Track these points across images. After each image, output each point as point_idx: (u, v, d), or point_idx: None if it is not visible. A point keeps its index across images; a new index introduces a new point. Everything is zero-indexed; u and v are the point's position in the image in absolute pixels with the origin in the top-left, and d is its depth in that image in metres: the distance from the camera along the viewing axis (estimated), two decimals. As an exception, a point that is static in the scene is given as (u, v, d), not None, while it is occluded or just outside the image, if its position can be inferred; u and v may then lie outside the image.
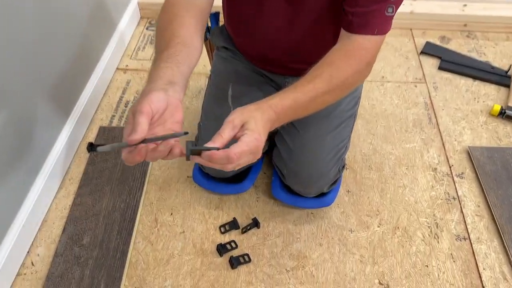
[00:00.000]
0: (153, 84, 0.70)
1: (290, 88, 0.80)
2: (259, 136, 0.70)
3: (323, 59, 0.85)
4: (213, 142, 0.68)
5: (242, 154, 0.67)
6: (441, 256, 1.13)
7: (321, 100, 0.82)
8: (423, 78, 1.65)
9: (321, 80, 0.81)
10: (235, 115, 0.72)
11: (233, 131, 0.70)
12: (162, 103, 0.68)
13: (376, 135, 1.43)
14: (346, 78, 0.83)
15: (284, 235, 1.17)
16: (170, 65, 0.74)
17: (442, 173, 1.32)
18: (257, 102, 0.76)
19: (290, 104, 0.77)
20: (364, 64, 0.86)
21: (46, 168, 1.22)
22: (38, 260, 1.11)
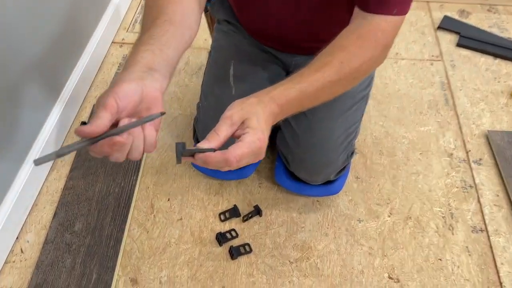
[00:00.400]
0: (127, 71, 0.60)
1: (295, 76, 0.70)
2: (263, 135, 0.61)
3: (333, 42, 0.75)
4: (208, 141, 0.59)
5: (242, 157, 0.58)
6: (456, 249, 1.06)
7: (330, 90, 0.72)
8: (440, 56, 1.54)
9: (330, 68, 0.71)
10: (234, 110, 0.63)
11: (231, 128, 0.61)
12: (132, 96, 0.57)
13: (388, 117, 1.34)
14: (359, 65, 0.73)
15: (287, 224, 1.10)
16: (151, 48, 0.63)
17: (458, 159, 1.24)
18: (257, 94, 0.67)
19: (295, 95, 0.68)
20: (380, 49, 0.76)
21: (36, 148, 1.14)
22: (27, 247, 1.05)
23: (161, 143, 1.26)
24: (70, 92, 1.29)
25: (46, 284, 0.99)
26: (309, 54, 1.06)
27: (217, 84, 1.08)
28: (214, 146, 0.59)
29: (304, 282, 1.00)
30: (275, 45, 1.06)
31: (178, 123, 1.32)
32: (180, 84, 1.44)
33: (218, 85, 1.07)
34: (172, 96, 1.40)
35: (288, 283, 1.00)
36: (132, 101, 0.58)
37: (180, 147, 0.57)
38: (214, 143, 0.59)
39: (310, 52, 1.05)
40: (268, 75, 1.08)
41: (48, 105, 1.21)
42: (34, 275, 1.00)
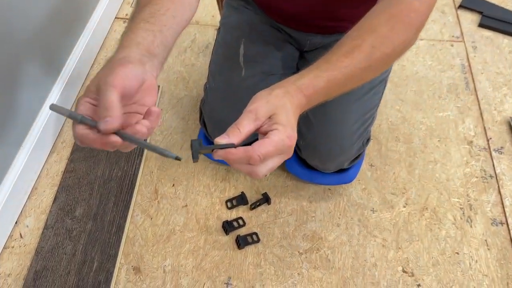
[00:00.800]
0: (128, 50, 0.54)
1: (322, 62, 0.63)
2: (292, 132, 0.54)
3: (361, 23, 0.67)
4: (227, 136, 0.52)
5: (267, 155, 0.51)
6: (474, 242, 1.01)
7: (359, 77, 0.65)
8: (461, 36, 1.45)
9: (360, 53, 0.63)
10: (259, 103, 0.55)
11: (254, 123, 0.54)
12: (137, 80, 0.52)
13: (405, 101, 1.27)
14: (391, 50, 0.65)
15: (297, 213, 1.05)
16: (151, 28, 0.57)
17: (478, 147, 1.17)
18: (283, 83, 0.59)
19: (323, 85, 0.60)
20: (413, 32, 0.68)
21: (35, 129, 1.09)
22: (27, 232, 1.01)
23: (166, 126, 1.21)
24: (71, 71, 1.23)
25: (46, 271, 0.95)
26: (325, 33, 0.99)
27: (226, 64, 1.01)
28: (234, 142, 0.52)
29: (313, 275, 0.95)
30: (288, 23, 0.99)
31: (183, 104, 1.26)
32: (186, 63, 1.37)
33: (227, 65, 1.01)
34: (178, 75, 1.34)
35: (297, 275, 0.95)
36: (136, 85, 0.53)
37: (196, 145, 0.51)
38: (235, 138, 0.52)
39: (327, 31, 0.98)
40: (281, 55, 1.02)
41: (48, 84, 1.15)
42: (33, 262, 0.97)
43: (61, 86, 1.19)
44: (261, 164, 0.53)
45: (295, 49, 1.04)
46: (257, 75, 0.99)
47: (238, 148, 0.52)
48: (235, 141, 0.52)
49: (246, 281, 0.94)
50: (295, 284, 0.94)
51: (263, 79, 0.99)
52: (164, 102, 1.27)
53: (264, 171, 0.53)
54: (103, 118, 0.48)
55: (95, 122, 0.49)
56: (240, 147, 0.52)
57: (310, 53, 1.03)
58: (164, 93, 1.29)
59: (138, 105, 0.56)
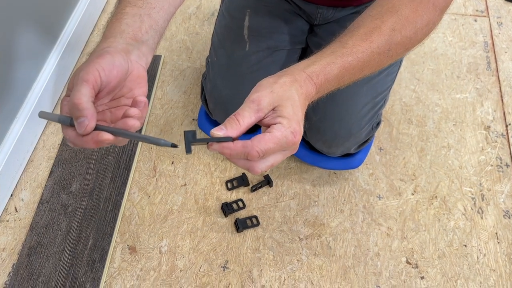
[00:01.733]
0: (110, 40, 0.50)
1: (336, 46, 0.56)
2: (298, 127, 0.49)
3: (380, 1, 0.60)
4: (225, 128, 0.47)
5: (267, 152, 0.47)
6: (484, 235, 0.96)
7: (377, 63, 0.59)
8: (486, 11, 1.35)
9: (379, 36, 0.57)
10: (262, 92, 0.49)
11: (256, 115, 0.48)
12: (118, 71, 0.48)
13: (421, 80, 1.19)
14: (413, 33, 0.59)
15: (299, 197, 1.00)
16: (139, 12, 0.52)
17: (496, 133, 1.10)
18: (291, 70, 0.53)
19: (336, 72, 0.54)
20: (437, 13, 0.61)
21: (31, 98, 1.05)
22: (22, 205, 0.99)
23: (167, 99, 1.16)
24: (69, 36, 1.17)
25: (40, 247, 0.94)
26: (338, 6, 0.91)
27: (229, 37, 0.94)
28: (232, 135, 0.47)
29: (313, 262, 0.92)
30: (296, -8, 0.92)
31: (186, 76, 1.20)
32: (190, 32, 1.30)
33: (230, 38, 0.94)
34: (181, 45, 1.27)
35: (296, 261, 0.92)
36: (117, 77, 0.49)
37: (189, 136, 0.47)
38: (233, 131, 0.47)
39: (340, 3, 0.90)
40: (288, 29, 0.94)
41: (45, 51, 1.10)
42: (28, 237, 0.95)
43: (58, 52, 1.13)
44: (260, 160, 0.48)
45: (305, 22, 0.96)
46: (262, 50, 0.92)
47: (235, 142, 0.47)
48: (233, 134, 0.47)
49: (243, 265, 0.92)
50: (293, 271, 0.91)
51: (268, 54, 0.93)
52: (166, 73, 1.21)
53: (264, 167, 0.49)
54: (76, 119, 0.45)
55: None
56: (238, 141, 0.47)
57: (321, 27, 0.96)
58: (166, 64, 1.23)
59: (126, 98, 0.52)
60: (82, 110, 0.45)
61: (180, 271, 0.91)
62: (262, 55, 0.92)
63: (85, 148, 0.48)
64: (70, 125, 0.48)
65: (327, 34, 0.94)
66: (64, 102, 0.49)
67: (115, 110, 0.52)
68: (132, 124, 0.48)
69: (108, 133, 0.47)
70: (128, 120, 0.49)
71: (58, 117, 0.49)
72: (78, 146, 0.49)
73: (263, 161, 0.49)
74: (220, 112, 0.96)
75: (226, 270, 0.91)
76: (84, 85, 0.45)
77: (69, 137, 0.48)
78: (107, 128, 0.48)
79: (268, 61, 0.93)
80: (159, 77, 1.20)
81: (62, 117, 0.48)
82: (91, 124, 0.45)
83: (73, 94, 0.46)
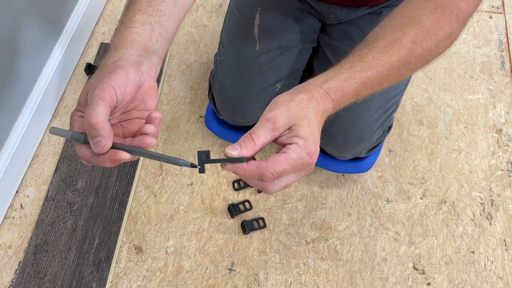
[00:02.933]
0: (121, 52, 0.48)
1: (355, 60, 0.54)
2: (315, 147, 0.47)
3: (402, 11, 0.58)
4: (239, 146, 0.46)
5: (282, 173, 0.45)
6: (492, 241, 0.95)
7: (396, 76, 0.56)
8: (502, 7, 1.31)
9: (400, 49, 0.54)
10: (279, 110, 0.47)
11: (271, 134, 0.47)
12: (132, 86, 0.46)
13: (433, 79, 1.17)
14: (435, 45, 0.56)
15: (307, 199, 1.00)
16: (148, 20, 0.50)
17: (508, 136, 1.08)
18: (308, 85, 0.51)
19: (354, 88, 0.52)
20: (460, 23, 0.58)
21: (36, 92, 1.03)
22: (27, 202, 0.99)
23: (173, 95, 1.14)
24: (74, 28, 1.14)
25: (46, 245, 0.93)
26: (350, 6, 0.88)
27: (239, 36, 0.92)
28: (247, 155, 0.46)
29: (320, 266, 0.92)
30: (308, -9, 0.89)
31: (193, 71, 1.18)
32: (197, 24, 1.27)
33: (239, 37, 0.92)
34: (188, 37, 1.24)
35: (302, 265, 0.92)
36: (132, 92, 0.47)
37: (203, 157, 0.47)
38: (248, 151, 0.46)
39: (354, 3, 0.87)
40: (300, 28, 0.92)
41: (50, 43, 1.07)
42: (34, 234, 0.94)
43: (64, 44, 1.11)
44: (274, 181, 0.47)
45: (317, 20, 0.94)
46: (273, 50, 0.90)
47: (250, 163, 0.46)
48: (248, 154, 0.46)
49: (249, 268, 0.92)
50: (300, 275, 0.91)
51: (279, 54, 0.90)
52: (172, 67, 1.19)
53: (277, 188, 0.48)
54: (92, 138, 0.44)
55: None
56: (252, 161, 0.46)
57: (334, 26, 0.93)
58: (173, 57, 1.20)
59: (137, 110, 0.51)
60: (99, 129, 0.44)
61: (186, 273, 0.91)
62: (272, 55, 0.90)
63: (101, 165, 0.47)
64: (84, 142, 0.46)
65: (339, 33, 0.91)
66: (75, 117, 0.48)
67: (126, 124, 0.51)
68: (149, 143, 0.47)
69: (125, 152, 0.46)
70: (145, 138, 0.47)
71: (71, 134, 0.47)
72: (93, 164, 0.47)
73: (277, 181, 0.47)
74: (228, 112, 0.94)
75: (232, 272, 0.91)
76: (100, 104, 0.44)
77: (84, 155, 0.47)
78: (124, 146, 0.47)
79: (278, 61, 0.91)
80: (166, 72, 1.18)
81: (75, 134, 0.47)
82: (108, 144, 0.44)
83: (89, 113, 0.44)
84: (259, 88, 0.90)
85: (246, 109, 0.91)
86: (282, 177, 0.47)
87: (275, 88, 0.91)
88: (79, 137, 0.47)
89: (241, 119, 0.93)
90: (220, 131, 1.01)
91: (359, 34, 0.88)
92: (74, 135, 0.47)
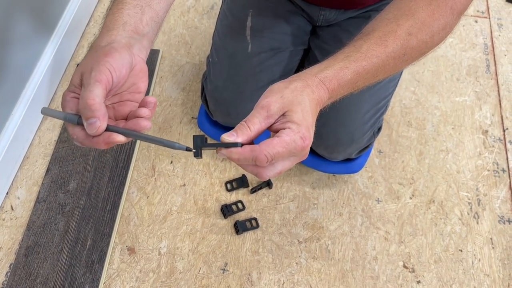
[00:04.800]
0: (114, 33, 0.49)
1: (350, 51, 0.55)
2: (308, 133, 0.48)
3: (396, 3, 0.59)
4: (235, 133, 0.47)
5: (276, 157, 0.46)
6: (479, 240, 0.98)
7: (391, 67, 0.58)
8: (486, 12, 1.35)
9: (395, 41, 0.56)
10: (272, 97, 0.49)
11: (266, 121, 0.48)
12: (126, 69, 0.48)
13: (421, 82, 1.19)
14: (430, 37, 0.58)
15: (299, 199, 1.01)
16: (139, 3, 0.52)
17: (493, 137, 1.11)
18: (303, 75, 0.53)
19: (350, 77, 0.54)
20: (455, 16, 0.60)
21: (27, 93, 1.03)
22: (18, 204, 0.98)
23: (165, 96, 1.14)
24: (65, 27, 1.14)
25: (38, 247, 0.93)
26: (339, 8, 0.90)
27: (231, 37, 0.93)
28: (242, 141, 0.47)
29: (312, 265, 0.93)
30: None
31: (184, 72, 1.18)
32: (189, 25, 1.28)
33: (231, 38, 0.93)
34: (180, 39, 1.25)
35: (295, 264, 0.93)
36: (126, 75, 0.49)
37: (198, 141, 0.48)
38: (243, 137, 0.47)
39: (342, 5, 0.89)
40: (291, 29, 0.93)
41: (41, 42, 1.07)
42: (25, 236, 0.94)
43: (55, 44, 1.10)
44: (268, 166, 0.48)
45: (307, 22, 0.95)
46: (265, 52, 0.91)
47: (244, 147, 0.47)
48: (243, 140, 0.47)
49: (242, 268, 0.92)
50: (292, 274, 0.92)
51: (271, 56, 0.92)
52: (164, 69, 1.19)
53: (272, 174, 0.49)
54: (87, 119, 0.45)
55: None
56: (246, 146, 0.47)
57: (324, 29, 0.94)
58: (164, 59, 1.21)
59: (129, 93, 0.52)
60: (94, 111, 0.44)
61: (179, 273, 0.91)
62: (264, 57, 0.91)
63: (94, 148, 0.48)
64: (78, 124, 0.47)
65: (329, 37, 0.93)
66: (67, 98, 0.48)
67: (118, 106, 0.52)
68: (144, 125, 0.49)
69: (120, 134, 0.47)
70: (140, 121, 0.49)
71: (64, 115, 0.47)
72: (86, 146, 0.48)
73: (271, 167, 0.48)
74: (221, 113, 0.95)
75: (225, 273, 0.92)
76: (97, 86, 0.45)
77: (77, 137, 0.48)
78: (119, 129, 0.47)
79: (270, 62, 0.92)
80: (158, 73, 1.18)
81: (69, 115, 0.47)
82: (103, 126, 0.45)
83: (86, 95, 0.45)
84: (252, 89, 0.91)
85: (239, 110, 0.92)
86: (276, 162, 0.48)
87: (267, 89, 0.92)
88: (73, 118, 0.47)
89: (234, 120, 0.94)
90: (213, 132, 1.02)
91: (348, 37, 0.90)
92: (67, 117, 0.47)
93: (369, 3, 0.89)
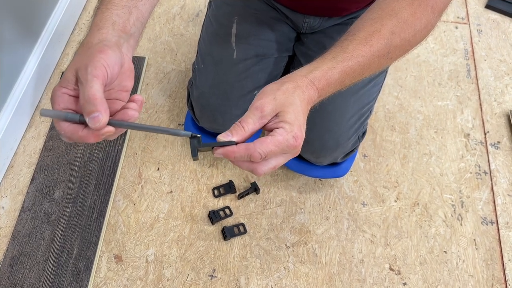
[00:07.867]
0: (104, 32, 0.51)
1: (337, 51, 0.58)
2: (300, 132, 0.51)
3: (380, 4, 0.61)
4: (230, 134, 0.50)
5: (269, 154, 0.49)
6: (463, 241, 0.99)
7: (376, 65, 0.60)
8: (466, 18, 1.38)
9: (379, 40, 0.58)
10: (266, 99, 0.52)
11: (260, 121, 0.51)
12: (118, 67, 0.49)
13: (404, 87, 1.21)
14: (412, 35, 0.61)
15: (286, 204, 1.01)
16: (127, 4, 0.53)
17: (475, 140, 1.14)
18: (294, 76, 0.55)
19: (337, 76, 0.56)
20: (436, 14, 0.62)
21: (11, 101, 1.02)
22: (3, 214, 0.97)
23: (152, 103, 1.14)
24: (50, 35, 1.13)
25: (23, 257, 0.92)
26: (323, 15, 0.92)
27: (216, 44, 0.94)
28: (237, 140, 0.50)
29: (300, 269, 0.94)
30: (285, 1, 0.91)
31: (170, 80, 1.19)
32: (175, 33, 1.28)
33: (217, 46, 0.93)
34: (165, 46, 1.25)
35: (283, 269, 0.94)
36: (117, 73, 0.50)
37: (195, 142, 0.50)
38: (237, 137, 0.50)
39: (325, 13, 0.91)
40: (276, 36, 0.94)
41: (26, 50, 1.06)
42: (10, 246, 0.93)
43: (39, 53, 1.10)
44: (263, 162, 0.51)
45: (292, 29, 0.96)
46: (250, 58, 0.92)
47: (239, 145, 0.50)
48: (238, 139, 0.50)
49: (230, 274, 0.93)
50: (280, 279, 0.93)
51: (256, 62, 0.93)
52: (150, 76, 1.19)
53: (266, 169, 0.52)
54: (89, 114, 0.45)
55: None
56: (241, 144, 0.50)
57: (308, 36, 0.96)
58: (150, 66, 1.21)
59: (116, 91, 0.52)
60: (97, 105, 0.45)
61: (167, 280, 0.91)
62: (249, 63, 0.92)
63: (83, 142, 0.49)
64: (80, 122, 0.47)
65: (314, 43, 0.94)
66: (58, 93, 0.48)
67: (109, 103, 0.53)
68: (132, 114, 0.50)
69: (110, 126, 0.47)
70: (127, 110, 0.50)
71: (65, 115, 0.47)
72: (73, 141, 0.49)
73: (266, 163, 0.51)
74: (207, 119, 0.96)
75: (213, 279, 0.92)
76: (96, 81, 0.46)
77: (65, 132, 0.48)
78: (121, 123, 0.48)
79: (255, 69, 0.93)
80: (143, 80, 1.18)
81: (69, 114, 0.47)
82: (105, 119, 0.46)
83: (87, 90, 0.46)
84: (238, 95, 0.91)
85: (225, 116, 0.92)
86: (270, 159, 0.51)
87: (253, 95, 0.92)
88: (74, 117, 0.47)
89: (220, 126, 0.95)
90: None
91: (332, 44, 0.92)
92: (68, 116, 0.47)
93: (352, 10, 0.91)
